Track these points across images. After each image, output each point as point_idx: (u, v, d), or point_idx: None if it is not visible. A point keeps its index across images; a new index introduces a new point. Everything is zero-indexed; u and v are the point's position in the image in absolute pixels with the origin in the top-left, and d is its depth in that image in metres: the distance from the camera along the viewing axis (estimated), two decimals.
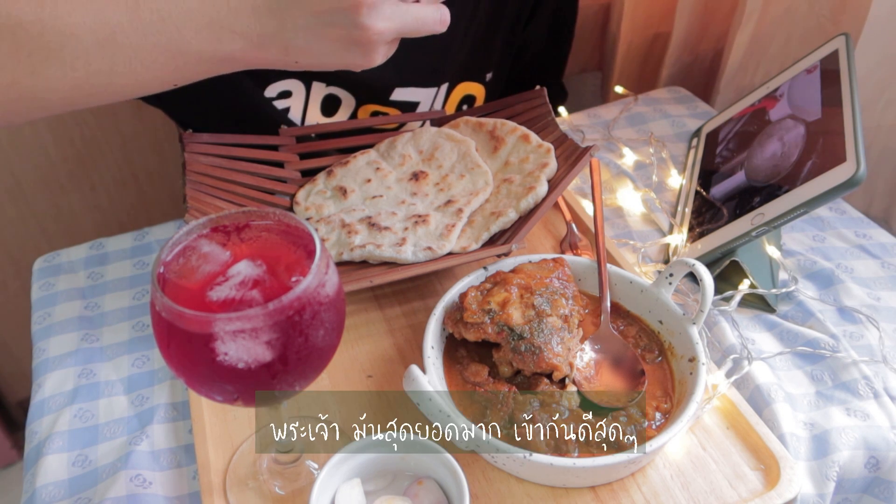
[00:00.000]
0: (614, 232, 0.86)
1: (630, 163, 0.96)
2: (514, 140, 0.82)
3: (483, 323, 0.63)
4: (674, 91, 1.11)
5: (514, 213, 0.74)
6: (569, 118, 1.05)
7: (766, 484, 0.59)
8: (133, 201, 1.49)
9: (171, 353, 0.47)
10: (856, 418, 0.65)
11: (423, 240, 0.74)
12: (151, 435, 0.66)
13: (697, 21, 1.15)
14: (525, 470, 0.58)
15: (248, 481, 0.60)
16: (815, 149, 0.74)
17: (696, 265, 0.63)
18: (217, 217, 0.51)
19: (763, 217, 0.72)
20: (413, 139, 0.87)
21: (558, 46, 1.11)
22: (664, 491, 0.59)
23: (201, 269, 0.48)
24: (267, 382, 0.47)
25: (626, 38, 1.20)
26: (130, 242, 0.87)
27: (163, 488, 0.62)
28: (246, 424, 0.65)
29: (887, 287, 0.78)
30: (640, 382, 0.63)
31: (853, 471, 0.62)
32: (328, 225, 0.78)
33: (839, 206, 0.89)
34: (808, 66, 0.85)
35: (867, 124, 0.93)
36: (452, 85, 0.95)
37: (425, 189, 0.81)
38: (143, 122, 1.39)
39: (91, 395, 0.70)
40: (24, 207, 1.40)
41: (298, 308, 0.45)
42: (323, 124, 0.90)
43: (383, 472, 0.57)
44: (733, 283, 0.75)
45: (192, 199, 0.75)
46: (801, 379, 0.69)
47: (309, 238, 0.49)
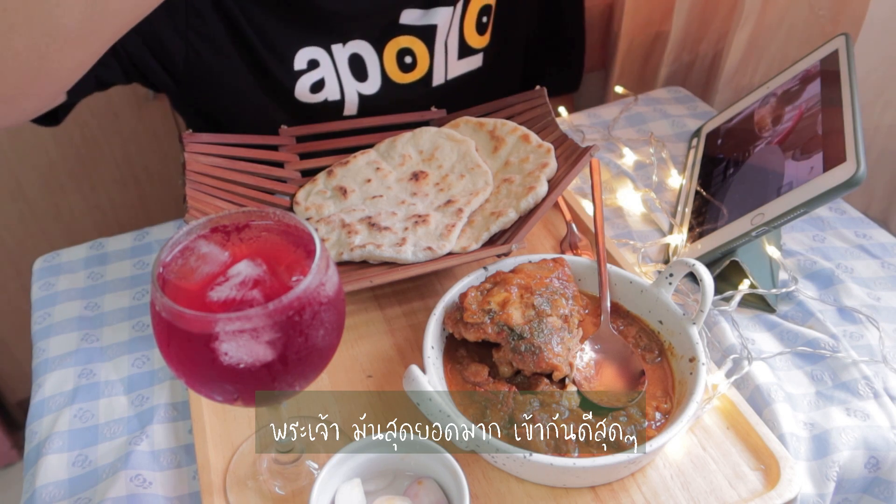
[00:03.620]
0: (614, 232, 0.86)
1: (630, 163, 0.96)
2: (514, 140, 0.82)
3: (483, 323, 0.63)
4: (674, 91, 1.11)
5: (514, 213, 0.74)
6: (569, 118, 1.05)
7: (766, 484, 0.59)
8: (133, 201, 1.49)
9: (171, 353, 0.47)
10: (856, 418, 0.65)
11: (423, 240, 0.74)
12: (151, 435, 0.66)
13: (696, 20, 1.15)
14: (525, 470, 0.58)
15: (248, 481, 0.60)
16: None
17: (696, 265, 0.63)
18: (217, 217, 0.51)
19: (763, 217, 0.72)
20: (413, 139, 0.87)
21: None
22: (664, 491, 0.59)
23: (201, 269, 0.48)
24: (267, 382, 0.47)
25: (627, 38, 1.20)
26: (130, 242, 0.87)
27: (163, 488, 0.62)
28: (246, 424, 0.65)
29: (887, 287, 0.78)
30: (640, 382, 0.63)
31: (853, 471, 0.62)
32: (328, 225, 0.78)
33: (839, 206, 0.89)
34: (808, 66, 0.85)
35: (867, 124, 0.93)
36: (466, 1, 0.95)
37: (425, 189, 0.81)
38: (143, 122, 1.39)
39: (91, 395, 0.70)
40: (24, 207, 1.40)
41: (298, 308, 0.45)
42: (323, 124, 0.90)
43: (383, 472, 0.57)
44: (733, 283, 0.75)
45: (192, 199, 0.75)
46: (801, 379, 0.69)
47: (309, 238, 0.49)
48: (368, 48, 0.91)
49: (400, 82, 0.95)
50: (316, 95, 0.91)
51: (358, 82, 0.92)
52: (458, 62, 0.97)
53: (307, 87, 0.90)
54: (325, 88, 0.91)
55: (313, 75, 0.90)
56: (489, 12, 0.97)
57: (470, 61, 0.99)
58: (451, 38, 0.94)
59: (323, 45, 0.89)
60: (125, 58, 0.82)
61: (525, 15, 1.05)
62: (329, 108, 0.93)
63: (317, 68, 0.90)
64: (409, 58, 0.93)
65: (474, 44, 0.98)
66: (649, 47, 1.23)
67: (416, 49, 0.93)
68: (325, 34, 0.89)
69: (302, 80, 0.90)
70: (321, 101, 0.92)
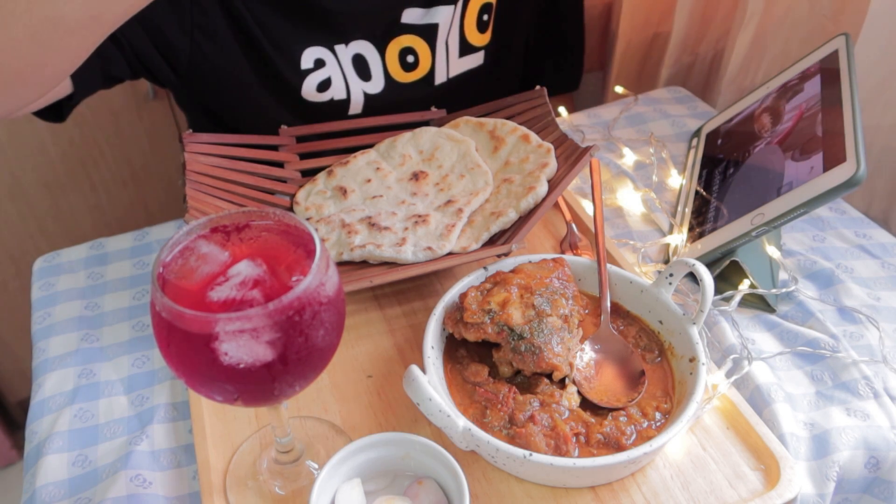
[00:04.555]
0: (614, 232, 0.86)
1: (630, 163, 0.96)
2: (514, 140, 0.82)
3: (483, 323, 0.63)
4: (674, 91, 1.11)
5: (514, 213, 0.74)
6: (569, 118, 1.05)
7: (766, 484, 0.59)
8: (133, 201, 1.49)
9: (171, 353, 0.47)
10: (856, 418, 0.65)
11: (423, 240, 0.74)
12: (151, 435, 0.66)
13: (696, 22, 1.15)
14: (525, 470, 0.58)
15: (248, 481, 0.60)
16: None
17: (696, 265, 0.63)
18: (217, 217, 0.51)
19: (763, 217, 0.72)
20: (413, 139, 0.87)
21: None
22: (664, 491, 0.59)
23: (201, 269, 0.48)
24: (267, 382, 0.47)
25: (625, 38, 1.20)
26: (130, 242, 0.87)
27: (163, 488, 0.62)
28: (246, 424, 0.65)
29: (887, 287, 0.78)
30: (640, 382, 0.63)
31: (853, 471, 0.62)
32: (328, 225, 0.78)
33: (839, 206, 0.89)
34: (809, 65, 0.85)
35: (867, 124, 0.93)
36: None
37: (425, 189, 0.81)
38: (143, 122, 1.39)
39: (91, 395, 0.70)
40: (24, 207, 1.40)
41: (298, 308, 0.45)
42: (323, 124, 0.90)
43: (383, 472, 0.57)
44: (733, 283, 0.75)
45: (192, 199, 0.75)
46: (801, 379, 0.69)
47: (309, 238, 0.49)
48: (370, 48, 0.91)
49: (403, 81, 0.95)
50: (323, 94, 0.91)
51: (363, 81, 0.93)
52: (459, 60, 0.98)
53: (314, 86, 0.90)
54: (332, 87, 0.91)
55: (320, 74, 0.90)
56: (490, 10, 0.97)
57: (471, 59, 0.99)
58: (451, 36, 0.95)
59: (327, 45, 0.89)
60: (131, 53, 0.82)
61: (526, 12, 1.06)
62: (335, 106, 0.93)
63: (323, 67, 0.90)
64: (412, 57, 0.94)
65: (475, 42, 0.98)
66: (647, 48, 1.23)
67: (417, 48, 0.93)
68: (328, 34, 0.89)
69: (309, 79, 0.90)
70: (328, 99, 0.92)
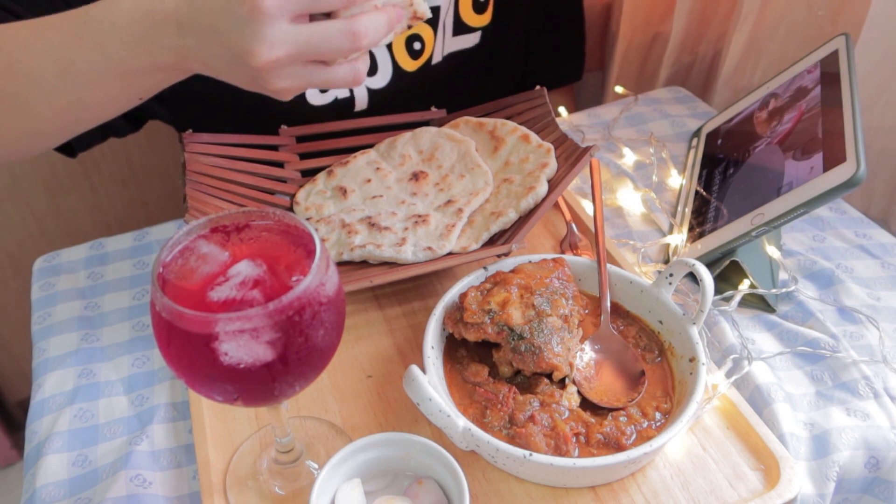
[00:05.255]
0: (614, 232, 0.86)
1: (630, 163, 0.96)
2: (514, 140, 0.82)
3: (483, 323, 0.63)
4: (674, 91, 1.11)
5: (514, 213, 0.74)
6: (569, 118, 1.05)
7: (766, 484, 0.59)
8: (133, 201, 1.49)
9: (171, 353, 0.47)
10: (856, 418, 0.65)
11: (423, 240, 0.74)
12: (151, 435, 0.66)
13: (696, 22, 1.15)
14: (525, 470, 0.58)
15: (248, 481, 0.60)
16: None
17: (696, 265, 0.63)
18: (217, 217, 0.51)
19: (763, 217, 0.72)
20: (413, 139, 0.87)
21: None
22: (664, 491, 0.59)
23: (201, 269, 0.48)
24: (267, 382, 0.47)
25: (626, 38, 1.20)
26: (130, 242, 0.87)
27: (163, 488, 0.62)
28: (246, 424, 0.65)
29: (887, 287, 0.78)
30: (640, 382, 0.63)
31: (853, 471, 0.62)
32: (328, 225, 0.78)
33: (839, 206, 0.89)
34: (809, 66, 0.85)
35: (867, 124, 0.93)
36: None
37: (425, 189, 0.81)
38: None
39: (91, 395, 0.70)
40: (24, 207, 1.40)
41: (299, 308, 0.45)
42: (323, 124, 0.90)
43: (383, 472, 0.57)
44: (733, 283, 0.75)
45: (192, 199, 0.75)
46: (801, 379, 0.69)
47: (309, 238, 0.49)
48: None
49: (409, 70, 0.95)
50: (326, 95, 0.91)
51: (367, 77, 0.92)
52: (452, 39, 0.97)
53: (316, 88, 0.89)
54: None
55: None
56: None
57: (466, 38, 0.98)
58: (448, 16, 0.95)
59: None
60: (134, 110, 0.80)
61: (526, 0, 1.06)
62: (339, 105, 0.92)
63: None
64: (419, 44, 0.93)
65: (471, 22, 0.98)
66: (648, 48, 1.23)
67: (424, 34, 0.93)
68: None
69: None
70: (331, 100, 0.91)
